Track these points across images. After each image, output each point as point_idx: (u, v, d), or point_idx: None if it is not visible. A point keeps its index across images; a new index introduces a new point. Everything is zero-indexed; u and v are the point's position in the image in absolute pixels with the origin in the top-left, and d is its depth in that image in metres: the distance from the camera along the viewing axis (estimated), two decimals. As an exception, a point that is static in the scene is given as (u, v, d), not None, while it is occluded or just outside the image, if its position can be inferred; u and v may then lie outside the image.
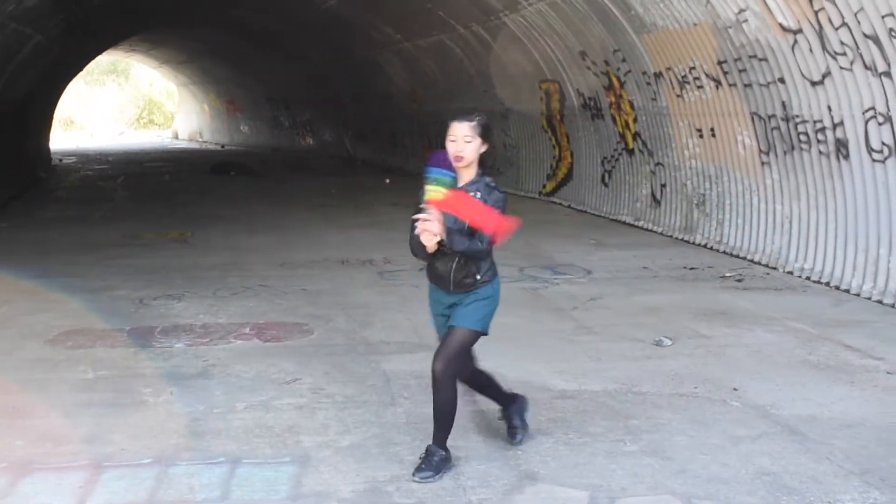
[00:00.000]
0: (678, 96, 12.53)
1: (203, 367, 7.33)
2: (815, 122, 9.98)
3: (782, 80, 10.31)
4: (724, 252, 11.86)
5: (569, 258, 11.84)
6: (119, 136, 53.53)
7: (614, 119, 14.78)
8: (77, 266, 11.89)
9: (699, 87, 11.92)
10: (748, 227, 11.52)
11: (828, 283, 9.96)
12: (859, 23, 8.79)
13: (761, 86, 10.71)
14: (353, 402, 6.43)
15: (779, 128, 10.63)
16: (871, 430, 5.87)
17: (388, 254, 12.13)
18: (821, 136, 9.95)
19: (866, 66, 8.96)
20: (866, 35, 8.78)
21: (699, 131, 12.30)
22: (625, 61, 13.61)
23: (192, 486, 5.13)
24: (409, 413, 6.23)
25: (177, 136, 52.01)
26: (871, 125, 9.14)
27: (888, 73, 8.72)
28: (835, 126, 9.68)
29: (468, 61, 19.33)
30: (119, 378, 7.09)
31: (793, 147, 10.48)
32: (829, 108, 9.67)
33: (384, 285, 10.44)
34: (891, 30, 8.47)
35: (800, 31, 9.70)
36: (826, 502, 4.86)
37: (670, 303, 9.36)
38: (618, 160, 14.97)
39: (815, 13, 9.31)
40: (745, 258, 11.42)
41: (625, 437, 5.77)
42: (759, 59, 10.56)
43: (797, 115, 10.24)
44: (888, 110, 8.84)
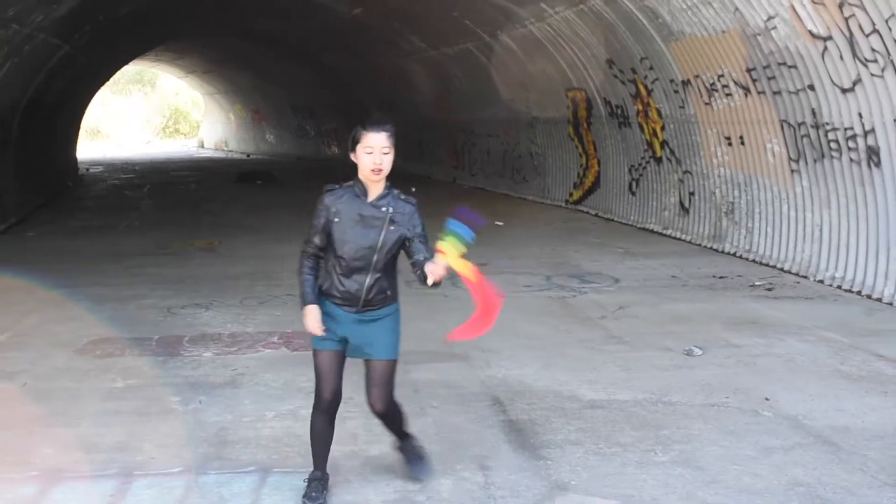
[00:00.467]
0: (706, 104, 12.46)
1: (231, 376, 7.32)
2: (845, 129, 9.90)
3: (812, 88, 10.23)
4: (754, 261, 11.77)
5: (596, 266, 11.78)
6: (145, 146, 53.84)
7: (642, 127, 14.71)
8: (105, 275, 11.93)
9: (728, 94, 11.86)
10: (778, 236, 11.43)
11: (859, 292, 9.87)
12: (890, 29, 8.71)
13: (791, 93, 10.63)
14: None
15: (809, 135, 10.55)
16: (906, 440, 5.79)
17: (416, 263, 12.08)
18: (851, 144, 9.87)
19: (897, 73, 8.89)
20: (897, 41, 8.71)
21: (728, 139, 12.23)
22: (652, 69, 13.55)
23: (223, 494, 5.11)
24: (438, 423, 6.19)
25: (202, 146, 52.24)
26: (903, 132, 9.06)
27: (920, 80, 8.65)
28: (866, 133, 9.60)
29: (494, 69, 19.31)
30: (148, 387, 7.09)
31: (823, 155, 10.40)
32: (860, 115, 9.59)
33: (411, 294, 10.30)
34: (922, 36, 8.41)
35: (829, 37, 9.63)
36: (860, 514, 4.81)
37: (700, 312, 9.29)
38: (645, 168, 14.90)
39: (846, 20, 9.24)
40: (774, 267, 11.33)
41: (655, 447, 5.72)
42: (789, 67, 10.48)
43: (827, 123, 10.15)
44: (920, 117, 8.76)
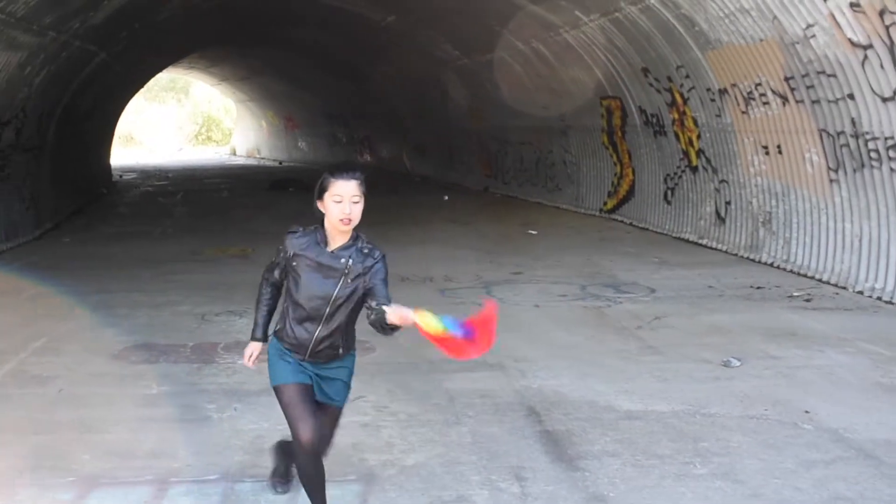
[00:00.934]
0: (743, 113, 12.36)
1: (266, 384, 7.23)
2: (885, 138, 9.78)
3: (852, 97, 10.12)
4: (792, 271, 11.64)
5: (632, 276, 11.70)
6: (178, 153, 54.15)
7: (677, 136, 14.62)
8: (139, 281, 11.99)
9: (765, 103, 11.75)
10: (816, 246, 11.31)
11: (899, 304, 9.76)
12: (932, 38, 8.62)
13: (830, 102, 10.51)
14: (416, 421, 6.37)
15: (848, 145, 10.43)
16: (950, 455, 5.70)
17: (449, 271, 12.07)
18: (892, 153, 9.75)
19: (939, 82, 8.79)
20: (940, 50, 8.61)
21: (765, 148, 12.12)
22: (688, 77, 13.46)
23: (259, 503, 5.11)
24: (473, 432, 6.15)
25: (235, 153, 52.47)
26: (945, 142, 8.95)
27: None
28: (906, 143, 9.49)
29: (528, 78, 19.27)
30: (183, 394, 7.10)
31: (863, 164, 10.28)
32: (901, 124, 9.49)
33: (445, 303, 10.36)
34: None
35: (870, 46, 9.52)
36: (906, 530, 4.73)
37: (737, 323, 9.19)
38: (681, 177, 14.80)
39: (886, 28, 9.14)
40: (813, 277, 11.20)
41: (694, 459, 5.66)
42: (828, 75, 10.37)
43: (867, 132, 10.03)
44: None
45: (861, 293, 10.33)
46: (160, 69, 32.26)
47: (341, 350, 4.66)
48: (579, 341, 8.60)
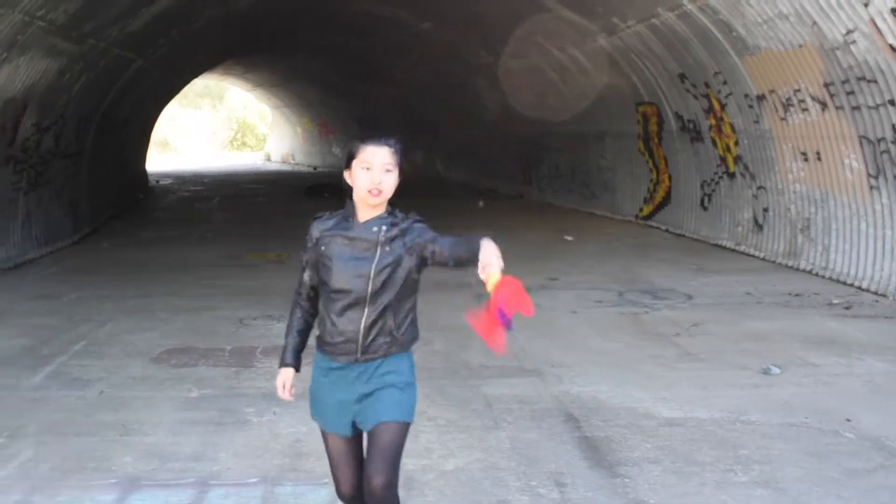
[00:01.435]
0: (782, 119, 12.27)
1: (305, 388, 7.27)
2: (927, 145, 9.70)
3: (893, 103, 10.02)
4: (831, 278, 11.54)
5: (669, 283, 11.63)
6: (213, 158, 54.46)
7: (715, 142, 14.54)
8: (177, 285, 12.06)
9: (804, 109, 11.66)
10: (856, 253, 11.20)
11: (941, 312, 9.66)
12: (976, 43, 8.53)
13: (870, 108, 10.42)
14: (455, 426, 6.36)
15: (889, 151, 10.32)
16: None
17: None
18: (934, 160, 9.66)
19: (984, 88, 8.69)
20: (984, 56, 8.51)
21: (804, 154, 12.02)
22: (726, 83, 13.38)
23: (299, 506, 5.12)
24: (512, 438, 6.14)
25: (269, 158, 52.71)
26: None
27: None
28: (949, 149, 9.39)
29: (563, 83, 19.23)
30: (222, 397, 7.14)
31: (903, 171, 10.19)
32: (944, 130, 9.39)
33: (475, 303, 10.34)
34: None
35: (912, 51, 9.44)
36: (953, 540, 4.67)
37: (776, 330, 9.12)
38: (718, 183, 14.71)
39: (929, 34, 9.06)
40: (852, 285, 11.08)
41: (735, 466, 5.61)
42: (868, 81, 10.28)
43: (909, 139, 9.96)
44: None
45: (901, 301, 10.26)
46: (196, 75, 32.45)
47: (396, 333, 3.91)
48: (617, 348, 8.57)
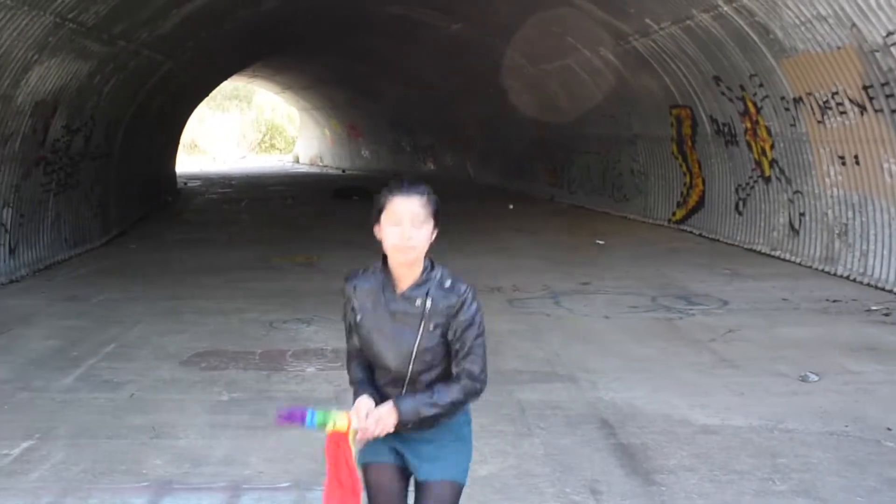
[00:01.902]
0: (819, 122, 12.11)
1: (336, 392, 7.27)
2: (969, 149, 9.52)
3: (933, 106, 9.87)
4: (869, 284, 11.35)
5: (703, 288, 11.50)
6: (241, 161, 54.69)
7: (750, 145, 14.38)
8: (206, 288, 12.05)
9: (842, 112, 11.50)
10: (895, 259, 11.02)
11: (982, 319, 9.48)
12: None
13: (910, 111, 10.27)
14: (488, 432, 6.27)
15: (929, 155, 10.18)
16: None
17: (517, 281, 11.96)
18: (976, 164, 9.49)
19: None
20: None
21: (842, 158, 11.85)
22: (762, 86, 13.23)
23: (331, 512, 5.04)
24: (546, 444, 6.07)
25: (298, 161, 52.86)
26: None
27: None
28: None
29: (595, 86, 19.12)
30: (253, 400, 7.10)
31: (944, 175, 10.02)
32: None
33: (514, 313, 10.28)
34: None
35: (954, 54, 9.28)
36: None
37: (814, 336, 8.98)
38: (753, 188, 14.55)
39: (971, 35, 8.89)
40: (891, 291, 10.90)
41: (773, 475, 5.52)
42: (909, 84, 10.14)
43: (949, 142, 9.78)
44: None
45: (942, 308, 10.07)
46: (225, 78, 32.58)
47: (442, 419, 3.51)
48: (651, 353, 8.47)
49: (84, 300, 11.24)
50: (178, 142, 29.78)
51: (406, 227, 3.38)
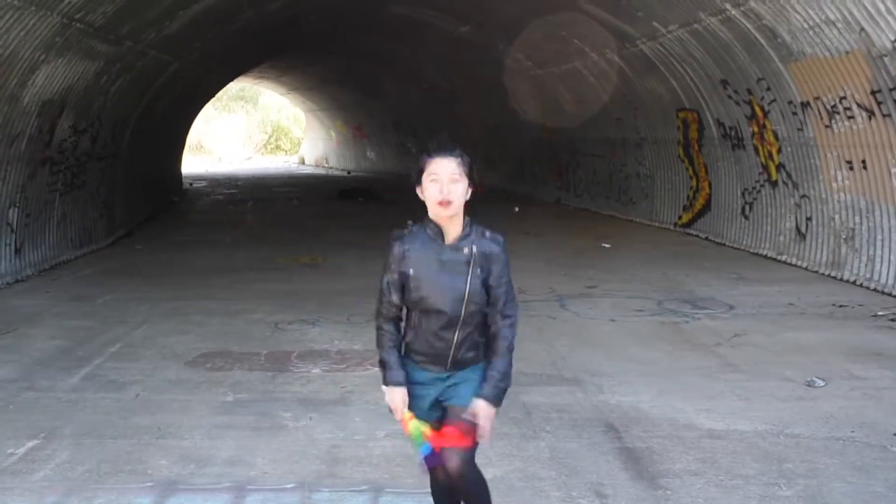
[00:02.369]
0: (827, 127, 12.08)
1: (341, 394, 7.27)
2: (977, 154, 9.49)
3: (942, 111, 9.84)
4: (875, 290, 11.32)
5: (709, 292, 11.48)
6: (246, 162, 54.73)
7: (757, 149, 14.35)
8: (212, 288, 12.06)
9: (850, 117, 11.47)
10: (902, 264, 11.01)
11: None
12: None
13: (919, 117, 10.24)
14: (494, 435, 6.22)
15: (937, 160, 10.14)
16: None
17: (522, 284, 11.89)
18: (984, 170, 9.46)
19: None
20: None
21: (849, 163, 11.82)
22: (769, 90, 13.20)
23: (336, 514, 5.06)
24: (551, 447, 6.05)
25: (303, 162, 52.89)
26: None
27: None
28: None
29: (602, 89, 19.11)
30: (258, 402, 7.09)
31: (952, 181, 9.99)
32: None
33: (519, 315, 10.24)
34: None
35: (962, 59, 9.25)
36: None
37: (820, 341, 8.95)
38: (760, 192, 14.52)
39: (980, 40, 8.87)
40: (898, 297, 10.91)
41: (779, 480, 5.50)
42: (917, 89, 10.10)
43: (957, 148, 9.75)
44: None
45: (949, 313, 10.04)
46: (231, 78, 32.62)
47: (482, 346, 4.14)
48: (657, 357, 8.45)
49: (90, 300, 11.25)
50: (184, 142, 29.81)
51: (444, 183, 3.98)
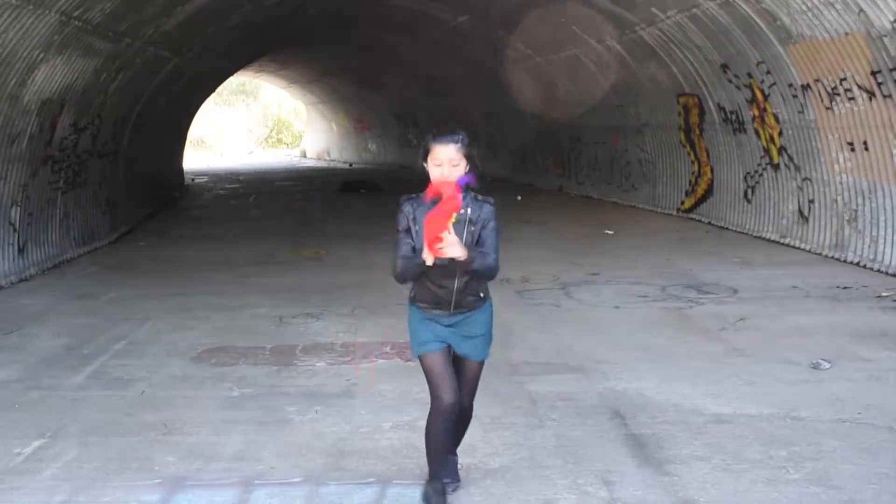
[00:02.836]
0: (827, 109, 12.05)
1: (346, 386, 7.27)
2: (978, 133, 9.47)
3: (943, 91, 9.82)
4: (879, 270, 11.31)
5: (713, 276, 11.47)
6: (248, 156, 54.67)
7: (758, 133, 14.33)
8: (215, 283, 12.05)
9: (850, 98, 11.45)
10: (905, 245, 10.99)
11: None
12: None
13: (919, 96, 10.21)
14: (499, 424, 6.27)
15: (939, 140, 10.12)
16: None
17: (526, 272, 11.94)
18: None
19: None
20: None
21: (850, 145, 11.80)
22: (769, 73, 13.18)
23: (343, 506, 5.07)
24: (558, 436, 6.05)
25: (305, 155, 52.82)
26: None
27: None
28: None
29: (602, 76, 19.07)
30: (264, 396, 7.09)
31: (954, 160, 9.96)
32: None
33: (523, 304, 10.27)
34: None
35: (962, 38, 9.22)
36: None
37: (825, 323, 8.95)
38: (762, 175, 14.50)
39: (980, 19, 8.84)
40: (901, 277, 10.89)
41: (786, 464, 5.50)
42: (917, 69, 10.08)
43: (959, 127, 9.72)
44: None
45: (953, 293, 10.03)
46: (231, 73, 32.57)
47: (481, 294, 4.92)
48: (662, 343, 8.45)
49: (94, 298, 11.25)
50: (185, 138, 29.77)
51: (445, 167, 4.70)
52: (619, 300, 10.32)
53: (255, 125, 63.17)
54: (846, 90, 11.48)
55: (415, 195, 4.83)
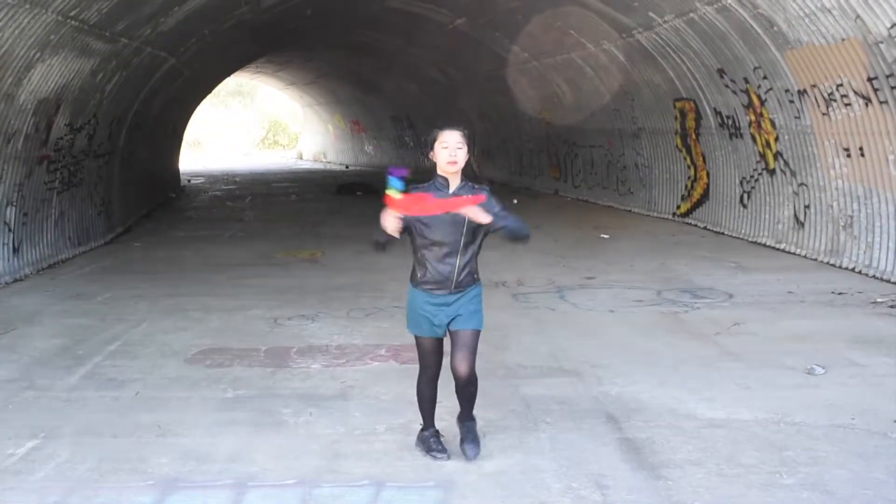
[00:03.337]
0: (824, 114, 12.07)
1: (341, 389, 7.26)
2: (974, 140, 9.48)
3: (939, 97, 9.83)
4: (874, 276, 11.33)
5: (708, 281, 11.48)
6: (244, 157, 54.66)
7: (754, 138, 14.35)
8: (211, 285, 12.04)
9: (847, 104, 11.46)
10: (900, 251, 11.00)
11: None
12: None
13: (915, 103, 10.23)
14: (494, 427, 6.27)
15: (935, 147, 10.13)
16: None
17: (521, 275, 11.95)
18: (981, 155, 9.44)
19: None
20: None
21: (846, 150, 11.82)
22: (766, 78, 13.20)
23: (337, 508, 5.05)
24: (552, 439, 6.05)
25: (301, 157, 52.85)
26: None
27: None
28: None
29: (599, 80, 19.10)
30: (258, 398, 7.08)
31: (950, 167, 9.98)
32: None
33: (518, 307, 10.27)
34: None
35: (958, 44, 9.23)
36: None
37: (820, 329, 8.96)
38: (758, 180, 14.52)
39: (976, 26, 8.85)
40: (897, 283, 10.90)
41: (780, 469, 5.50)
42: (913, 75, 10.09)
43: (955, 133, 9.74)
44: None
45: (948, 299, 10.04)
46: (228, 74, 32.55)
47: (476, 274, 5.67)
48: (657, 347, 8.44)
49: (89, 298, 11.23)
50: (181, 139, 29.75)
51: (452, 149, 5.50)
52: (615, 304, 10.32)
53: (251, 126, 63.19)
54: (842, 96, 11.50)
55: (420, 185, 5.55)
